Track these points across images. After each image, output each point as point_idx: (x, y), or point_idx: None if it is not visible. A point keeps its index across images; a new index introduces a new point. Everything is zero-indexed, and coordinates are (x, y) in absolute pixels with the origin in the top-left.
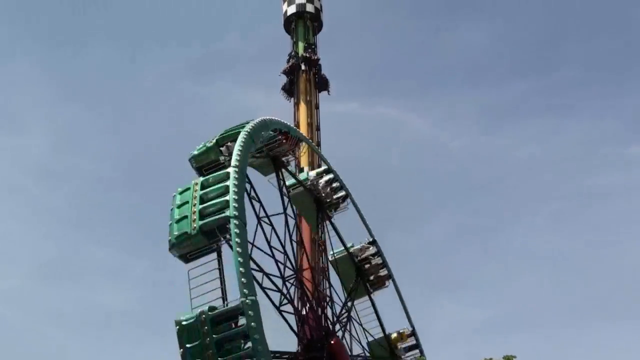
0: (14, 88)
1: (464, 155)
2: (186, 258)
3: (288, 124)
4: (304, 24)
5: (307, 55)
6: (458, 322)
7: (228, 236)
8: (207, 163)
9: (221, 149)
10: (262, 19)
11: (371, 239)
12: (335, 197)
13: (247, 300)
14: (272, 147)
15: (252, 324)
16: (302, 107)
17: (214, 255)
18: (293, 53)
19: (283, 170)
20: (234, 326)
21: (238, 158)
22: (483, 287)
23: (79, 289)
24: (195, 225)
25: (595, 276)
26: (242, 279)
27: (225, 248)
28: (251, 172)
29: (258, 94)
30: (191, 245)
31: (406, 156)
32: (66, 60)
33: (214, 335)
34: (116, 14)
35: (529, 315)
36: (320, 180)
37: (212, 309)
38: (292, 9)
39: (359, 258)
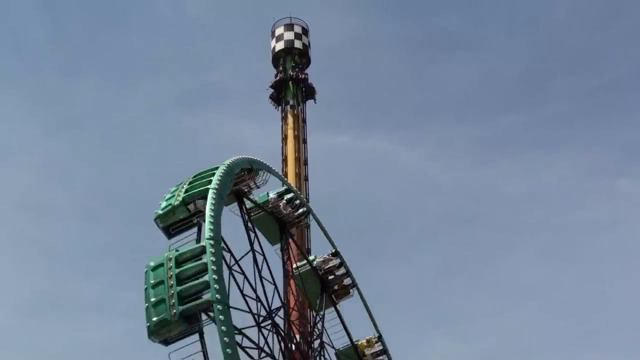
0: (1, 120)
1: (454, 188)
2: (167, 342)
3: (252, 158)
4: (292, 60)
5: (294, 74)
6: (449, 357)
7: (211, 314)
8: (174, 222)
9: (188, 207)
10: (250, 54)
11: (334, 250)
12: (296, 214)
13: None
14: (236, 183)
15: None
16: (290, 142)
17: (196, 336)
18: (281, 68)
19: (245, 199)
20: None
21: (211, 227)
22: (473, 321)
23: (64, 323)
24: (175, 311)
25: (586, 309)
26: None
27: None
28: None
29: (247, 126)
30: (172, 332)
31: (396, 189)
32: (54, 92)
33: None
34: (105, 46)
35: (520, 350)
36: (280, 201)
37: None
38: (280, 45)
39: (322, 270)
